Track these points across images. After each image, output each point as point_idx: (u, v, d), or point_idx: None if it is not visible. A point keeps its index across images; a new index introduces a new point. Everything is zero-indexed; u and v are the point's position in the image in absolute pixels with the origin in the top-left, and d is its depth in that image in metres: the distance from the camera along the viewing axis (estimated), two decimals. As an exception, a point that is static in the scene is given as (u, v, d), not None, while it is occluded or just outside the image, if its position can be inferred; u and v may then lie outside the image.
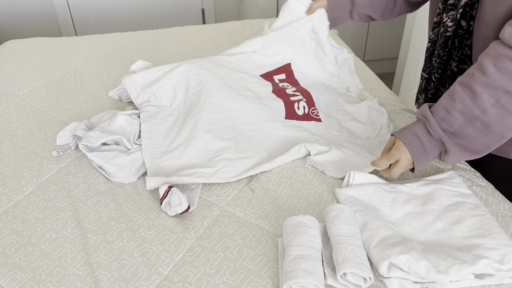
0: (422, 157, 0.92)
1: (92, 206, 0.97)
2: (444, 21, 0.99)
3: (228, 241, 0.88)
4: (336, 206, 0.85)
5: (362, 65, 1.65)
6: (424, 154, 0.92)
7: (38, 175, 1.05)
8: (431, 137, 0.90)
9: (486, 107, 0.84)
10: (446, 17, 0.98)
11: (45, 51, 1.72)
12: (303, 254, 0.76)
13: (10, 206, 0.97)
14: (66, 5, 2.79)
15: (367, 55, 3.03)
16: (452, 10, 0.97)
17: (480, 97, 0.84)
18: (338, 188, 0.98)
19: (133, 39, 1.85)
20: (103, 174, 1.05)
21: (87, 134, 1.08)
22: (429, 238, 0.85)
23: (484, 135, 0.87)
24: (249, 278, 0.80)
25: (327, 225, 0.84)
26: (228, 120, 1.15)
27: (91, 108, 1.34)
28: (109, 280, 0.79)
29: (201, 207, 0.96)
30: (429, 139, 0.91)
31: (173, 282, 0.79)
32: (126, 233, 0.90)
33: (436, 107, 0.90)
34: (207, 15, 3.10)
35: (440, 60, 1.05)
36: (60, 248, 0.86)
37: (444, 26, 0.99)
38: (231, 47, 1.46)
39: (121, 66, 1.60)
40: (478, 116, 0.85)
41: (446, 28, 0.99)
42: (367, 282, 0.76)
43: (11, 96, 1.40)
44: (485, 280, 0.77)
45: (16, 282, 0.79)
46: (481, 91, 0.84)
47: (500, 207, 0.95)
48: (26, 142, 1.18)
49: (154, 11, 2.97)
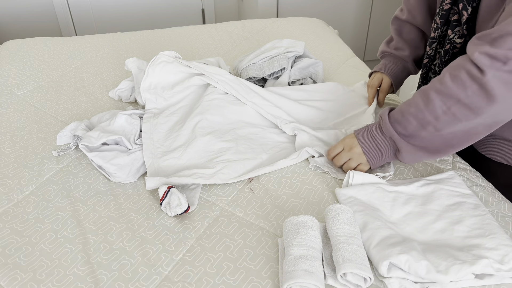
0: (375, 154, 0.97)
1: (92, 206, 0.97)
2: (451, 37, 0.97)
3: (228, 241, 0.88)
4: (336, 206, 0.85)
5: (362, 65, 1.65)
6: (378, 151, 0.97)
7: (38, 175, 1.05)
8: (384, 136, 0.95)
9: (438, 113, 0.86)
10: (453, 33, 0.97)
11: (45, 51, 1.72)
12: (303, 254, 0.76)
13: (10, 206, 0.97)
14: (66, 5, 2.79)
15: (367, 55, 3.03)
16: (457, 26, 0.96)
17: (433, 103, 0.86)
18: (338, 188, 0.98)
19: (133, 39, 1.85)
20: (103, 174, 1.05)
21: (87, 134, 1.08)
22: (429, 238, 0.85)
23: (437, 139, 0.90)
24: (249, 278, 0.80)
25: (327, 225, 0.84)
26: (229, 124, 1.16)
27: (91, 108, 1.34)
28: (109, 280, 0.79)
29: (201, 207, 0.96)
30: (382, 137, 0.96)
31: (173, 282, 0.79)
32: (126, 233, 0.90)
33: (395, 110, 0.95)
34: (207, 15, 3.10)
35: None
36: (60, 248, 0.86)
37: (451, 42, 0.98)
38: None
39: (121, 66, 1.60)
40: (430, 121, 0.88)
41: (454, 45, 0.98)
42: (367, 282, 0.75)
43: (11, 96, 1.40)
44: (485, 280, 0.77)
45: (16, 282, 0.79)
46: (435, 97, 0.86)
47: (500, 207, 0.95)
48: (26, 142, 1.18)
49: (154, 11, 2.97)
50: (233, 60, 1.65)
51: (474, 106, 0.83)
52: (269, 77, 1.41)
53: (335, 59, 1.66)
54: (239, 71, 1.47)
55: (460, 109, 0.84)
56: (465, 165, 1.08)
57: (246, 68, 1.43)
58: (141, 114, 1.19)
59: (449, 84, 0.84)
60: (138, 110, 1.22)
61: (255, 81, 1.43)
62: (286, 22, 2.04)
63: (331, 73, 1.58)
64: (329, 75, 1.56)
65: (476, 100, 0.82)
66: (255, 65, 1.43)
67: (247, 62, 1.44)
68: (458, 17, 0.96)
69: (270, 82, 1.40)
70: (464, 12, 0.92)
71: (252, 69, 1.41)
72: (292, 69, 1.41)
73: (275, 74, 1.40)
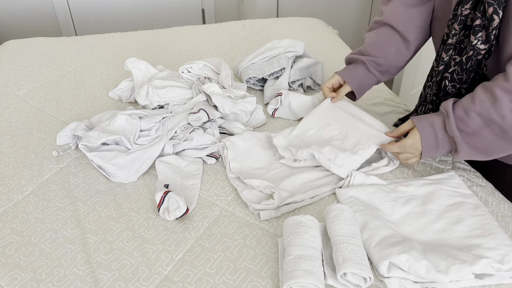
0: (432, 149, 0.94)
1: (92, 206, 0.97)
2: (474, 43, 0.92)
3: (228, 241, 0.88)
4: (336, 206, 0.85)
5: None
6: (435, 147, 0.94)
7: (38, 175, 1.05)
8: (446, 134, 0.92)
9: (505, 112, 0.83)
10: (475, 39, 0.91)
11: (45, 51, 1.72)
12: (303, 254, 0.76)
13: (10, 206, 0.97)
14: (66, 5, 2.79)
15: (367, 55, 3.03)
16: (480, 32, 0.91)
17: (500, 101, 0.83)
18: (338, 188, 0.98)
19: (133, 39, 1.85)
20: (103, 174, 1.05)
21: (87, 134, 1.08)
22: (429, 238, 0.85)
23: (499, 139, 0.87)
24: (249, 278, 0.80)
25: (327, 225, 0.84)
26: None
27: (91, 108, 1.34)
28: (109, 280, 0.79)
29: (201, 207, 0.96)
30: (443, 134, 0.92)
31: (173, 282, 0.79)
32: (126, 233, 0.90)
33: (457, 105, 0.90)
34: (207, 15, 3.10)
35: (461, 85, 0.98)
36: (60, 248, 0.86)
37: (474, 49, 0.92)
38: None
39: (121, 66, 1.60)
40: (496, 120, 0.85)
41: (478, 52, 0.92)
42: (367, 282, 0.75)
43: (11, 96, 1.40)
44: (485, 280, 0.77)
45: (16, 282, 0.79)
46: (502, 96, 0.83)
47: (500, 207, 0.95)
48: (26, 142, 1.18)
49: (154, 11, 2.97)
50: (233, 60, 1.65)
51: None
52: (269, 77, 1.41)
53: (335, 59, 1.66)
54: (239, 71, 1.47)
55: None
56: (465, 165, 1.08)
57: (246, 68, 1.43)
58: (141, 114, 1.19)
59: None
60: (138, 110, 1.22)
61: (255, 81, 1.43)
62: (286, 22, 2.05)
63: (331, 73, 1.57)
64: (329, 75, 1.55)
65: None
66: (255, 65, 1.43)
67: (247, 62, 1.44)
68: (480, 21, 0.91)
69: (270, 82, 1.40)
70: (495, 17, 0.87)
71: (252, 69, 1.41)
72: (292, 69, 1.41)
73: (275, 74, 1.41)
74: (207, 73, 1.33)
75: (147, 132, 1.14)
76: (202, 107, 1.16)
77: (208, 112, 1.15)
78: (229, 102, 1.19)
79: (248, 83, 1.44)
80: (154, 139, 1.12)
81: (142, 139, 1.11)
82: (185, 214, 0.91)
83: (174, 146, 1.11)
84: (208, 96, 1.25)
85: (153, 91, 1.25)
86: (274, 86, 1.37)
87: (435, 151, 0.95)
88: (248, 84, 1.44)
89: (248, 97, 1.24)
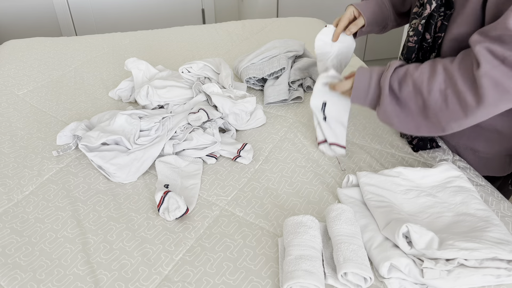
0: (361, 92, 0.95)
1: (92, 206, 0.97)
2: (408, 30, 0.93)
3: (228, 241, 0.88)
4: (337, 206, 0.85)
5: (362, 65, 1.65)
6: (365, 92, 0.94)
7: (38, 175, 1.05)
8: (379, 85, 0.92)
9: (434, 88, 0.84)
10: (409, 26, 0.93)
11: (45, 51, 1.72)
12: (304, 254, 0.76)
13: (10, 206, 0.97)
14: (66, 5, 2.79)
15: (367, 55, 3.03)
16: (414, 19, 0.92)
17: (435, 77, 0.84)
18: (340, 188, 0.97)
19: (133, 39, 1.85)
20: (103, 174, 1.05)
21: (87, 134, 1.08)
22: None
23: (418, 114, 0.87)
24: (249, 278, 0.80)
25: (328, 224, 0.84)
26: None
27: (91, 108, 1.34)
28: (109, 280, 0.79)
29: (201, 207, 0.96)
30: (376, 83, 0.92)
31: (173, 282, 0.79)
32: (126, 233, 0.90)
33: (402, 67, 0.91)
34: (207, 15, 3.10)
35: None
36: (60, 248, 0.86)
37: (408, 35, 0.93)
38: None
39: (121, 66, 1.60)
40: (424, 93, 0.85)
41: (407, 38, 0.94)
42: (367, 282, 0.75)
43: (11, 96, 1.40)
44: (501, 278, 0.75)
45: (16, 282, 0.79)
46: (440, 73, 0.84)
47: (500, 206, 0.95)
48: (26, 142, 1.18)
49: (154, 11, 2.97)
50: (233, 60, 1.65)
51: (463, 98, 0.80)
52: (269, 77, 1.41)
53: (335, 59, 1.66)
54: (239, 71, 1.47)
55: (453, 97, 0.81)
56: (464, 163, 1.08)
57: (246, 68, 1.43)
58: (141, 114, 1.19)
59: (455, 66, 0.82)
60: (138, 110, 1.22)
61: (255, 81, 1.43)
62: (286, 22, 2.04)
63: (331, 73, 1.58)
64: (329, 75, 1.56)
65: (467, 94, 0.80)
66: (255, 65, 1.43)
67: (247, 62, 1.44)
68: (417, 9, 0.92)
69: (270, 82, 1.40)
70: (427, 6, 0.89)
71: (252, 69, 1.41)
72: (292, 69, 1.41)
73: (275, 74, 1.40)
74: (207, 73, 1.33)
75: (147, 132, 1.14)
76: (202, 107, 1.16)
77: (208, 112, 1.16)
78: (229, 102, 1.19)
79: (248, 83, 1.43)
80: (154, 139, 1.12)
81: (142, 139, 1.11)
82: (185, 214, 0.91)
83: (174, 146, 1.11)
84: (208, 96, 1.25)
85: (153, 91, 1.25)
86: (274, 86, 1.37)
87: (365, 97, 0.95)
88: (248, 84, 1.44)
89: (248, 97, 1.24)
